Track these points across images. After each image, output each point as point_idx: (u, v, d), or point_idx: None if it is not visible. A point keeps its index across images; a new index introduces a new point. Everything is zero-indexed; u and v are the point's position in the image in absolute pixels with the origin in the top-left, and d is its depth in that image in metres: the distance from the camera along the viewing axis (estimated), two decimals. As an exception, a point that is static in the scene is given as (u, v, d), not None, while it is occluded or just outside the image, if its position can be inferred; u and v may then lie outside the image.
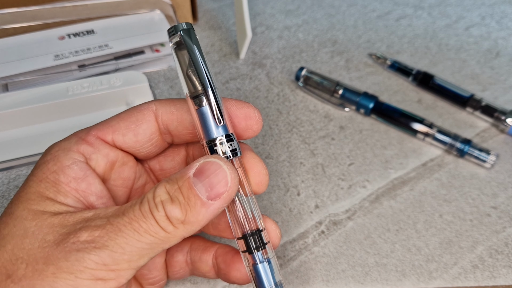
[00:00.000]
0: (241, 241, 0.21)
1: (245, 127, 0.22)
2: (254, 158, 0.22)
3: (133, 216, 0.19)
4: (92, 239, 0.18)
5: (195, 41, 0.20)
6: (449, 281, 0.28)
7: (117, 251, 0.18)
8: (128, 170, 0.23)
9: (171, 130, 0.23)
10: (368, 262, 0.29)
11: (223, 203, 0.19)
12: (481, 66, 0.43)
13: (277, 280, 0.21)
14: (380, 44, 0.45)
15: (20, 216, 0.20)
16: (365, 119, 0.38)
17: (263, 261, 0.21)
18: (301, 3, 0.50)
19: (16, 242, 0.19)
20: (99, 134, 0.22)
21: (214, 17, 0.48)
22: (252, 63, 0.43)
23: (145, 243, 0.19)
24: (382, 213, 0.31)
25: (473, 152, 0.34)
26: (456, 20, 0.48)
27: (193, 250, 0.25)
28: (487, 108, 0.38)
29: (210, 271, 0.24)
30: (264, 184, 0.22)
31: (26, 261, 0.18)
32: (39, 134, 0.34)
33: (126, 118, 0.22)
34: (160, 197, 0.19)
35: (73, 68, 0.39)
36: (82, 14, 0.41)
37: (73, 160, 0.21)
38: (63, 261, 0.18)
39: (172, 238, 0.19)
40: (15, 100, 0.34)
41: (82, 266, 0.18)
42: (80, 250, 0.18)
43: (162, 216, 0.19)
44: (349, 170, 0.34)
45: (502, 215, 0.31)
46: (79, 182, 0.21)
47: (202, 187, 0.19)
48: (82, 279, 0.18)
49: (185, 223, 0.19)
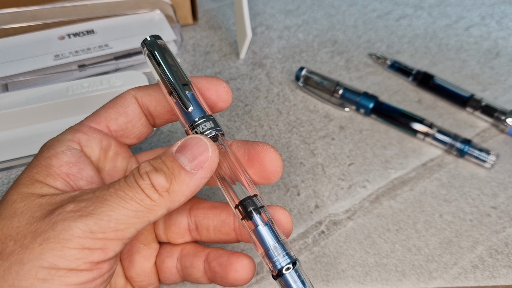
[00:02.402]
0: (238, 209, 0.21)
1: (216, 98, 0.24)
2: (266, 146, 0.23)
3: (118, 187, 0.19)
4: (78, 209, 0.19)
5: (158, 51, 0.23)
6: (449, 281, 0.28)
7: (103, 218, 0.18)
8: (122, 160, 0.24)
9: (151, 111, 0.24)
10: (368, 262, 0.29)
11: (206, 173, 0.20)
12: (481, 66, 0.43)
13: (280, 240, 0.21)
14: (380, 44, 0.45)
15: (10, 200, 0.20)
16: (365, 119, 0.38)
17: (263, 225, 0.21)
18: (301, 3, 0.50)
19: (5, 223, 0.19)
20: (92, 124, 0.23)
21: (214, 17, 0.48)
22: (252, 63, 0.43)
23: (131, 210, 0.19)
24: (382, 213, 0.31)
25: (473, 152, 0.34)
26: (456, 20, 0.48)
27: (184, 256, 0.25)
28: (487, 108, 0.38)
29: (203, 276, 0.24)
30: (279, 172, 0.23)
31: (14, 238, 0.19)
32: (39, 134, 0.34)
33: (113, 106, 0.24)
34: (145, 169, 0.20)
35: (73, 68, 0.39)
36: (82, 14, 0.41)
37: (67, 147, 0.22)
38: (50, 232, 0.18)
39: (157, 207, 0.19)
40: (15, 100, 0.34)
41: (68, 235, 0.18)
42: (66, 219, 0.18)
43: (147, 184, 0.19)
44: (349, 170, 0.34)
45: (502, 215, 0.31)
46: (71, 167, 0.21)
47: (185, 159, 0.20)
48: (69, 249, 0.18)
49: (170, 191, 0.19)
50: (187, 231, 0.25)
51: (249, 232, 0.21)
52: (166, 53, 0.24)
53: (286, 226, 0.23)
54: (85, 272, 0.18)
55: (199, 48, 0.44)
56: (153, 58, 0.23)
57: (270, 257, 0.21)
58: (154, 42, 0.24)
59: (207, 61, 0.43)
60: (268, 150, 0.22)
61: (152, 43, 0.24)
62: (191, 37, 0.45)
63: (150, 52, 0.23)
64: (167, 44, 0.24)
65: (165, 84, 0.23)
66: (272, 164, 0.22)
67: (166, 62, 0.23)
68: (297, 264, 0.21)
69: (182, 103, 0.22)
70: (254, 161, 0.22)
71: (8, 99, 0.34)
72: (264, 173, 0.22)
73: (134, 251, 0.24)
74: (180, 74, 0.23)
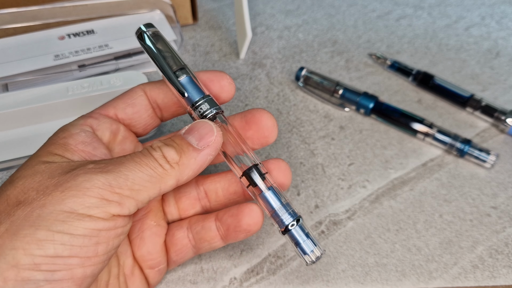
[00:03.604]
0: (243, 178, 0.24)
1: (219, 89, 0.25)
2: (260, 109, 0.26)
3: (134, 155, 0.21)
4: (99, 167, 0.21)
5: (148, 39, 0.25)
6: (449, 281, 0.28)
7: (121, 176, 0.20)
8: (129, 143, 0.26)
9: (159, 103, 0.26)
10: (368, 262, 0.29)
11: (211, 150, 0.22)
12: (481, 66, 0.43)
13: (283, 202, 0.24)
14: (380, 44, 0.45)
15: (30, 164, 0.22)
16: (365, 119, 0.38)
17: (267, 189, 0.24)
18: (301, 3, 0.50)
19: (26, 179, 0.21)
20: (102, 112, 0.25)
21: (214, 17, 0.48)
22: (252, 63, 0.43)
23: (145, 174, 0.21)
24: (382, 213, 0.31)
25: (473, 152, 0.34)
26: (456, 20, 0.48)
27: (193, 224, 0.26)
28: (487, 108, 0.38)
29: (216, 236, 0.25)
30: (274, 129, 0.26)
31: (36, 189, 0.20)
32: (40, 134, 0.34)
33: (122, 97, 0.26)
34: (157, 144, 0.22)
35: (73, 68, 0.39)
36: (82, 14, 0.41)
37: (81, 129, 0.24)
38: (71, 182, 0.20)
39: (168, 177, 0.21)
40: (15, 100, 0.34)
41: (89, 184, 0.20)
42: (87, 172, 0.20)
43: (159, 155, 0.22)
44: (349, 170, 0.34)
45: (502, 215, 0.31)
46: (86, 145, 0.23)
47: (193, 138, 0.22)
48: (89, 197, 0.20)
49: (180, 164, 0.22)
50: (197, 200, 0.27)
51: (256, 197, 0.24)
52: (159, 41, 0.25)
53: (285, 174, 0.26)
54: (101, 220, 0.20)
55: (199, 48, 0.44)
56: (144, 48, 0.25)
57: (276, 217, 0.24)
58: (144, 31, 0.25)
59: (207, 61, 0.43)
60: (263, 111, 0.25)
61: (142, 32, 0.25)
62: (191, 37, 0.45)
63: (140, 41, 0.25)
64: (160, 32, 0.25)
65: (161, 71, 0.24)
66: (268, 123, 0.25)
67: (158, 49, 0.24)
68: (300, 221, 0.24)
69: (177, 88, 0.24)
70: (252, 123, 0.25)
71: (8, 99, 0.34)
72: (262, 131, 0.25)
73: (145, 228, 0.26)
74: (175, 60, 0.24)
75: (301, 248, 0.24)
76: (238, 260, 0.29)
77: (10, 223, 0.19)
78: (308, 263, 0.24)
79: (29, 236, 0.19)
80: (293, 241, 0.24)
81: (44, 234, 0.19)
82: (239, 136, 0.24)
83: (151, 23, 0.25)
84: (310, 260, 0.24)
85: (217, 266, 0.28)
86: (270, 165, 0.25)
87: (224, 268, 0.28)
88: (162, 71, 0.24)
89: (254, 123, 0.25)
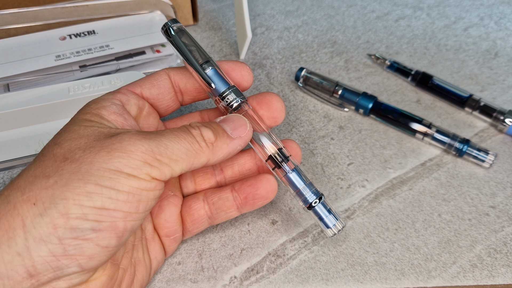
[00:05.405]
0: (269, 161, 0.26)
1: (240, 78, 0.28)
2: (271, 92, 0.28)
3: (173, 130, 0.23)
4: (142, 133, 0.22)
5: (175, 35, 0.26)
6: (448, 280, 0.28)
7: (161, 145, 0.22)
8: (153, 119, 0.27)
9: (181, 88, 0.28)
10: (367, 261, 0.29)
11: (242, 141, 0.25)
12: (479, 67, 0.43)
13: (306, 182, 0.26)
14: (379, 45, 0.45)
15: (72, 129, 0.23)
16: (364, 119, 0.38)
17: (290, 171, 0.26)
18: (301, 4, 0.51)
19: (72, 141, 0.22)
20: (129, 88, 0.26)
21: (214, 18, 0.48)
22: (252, 64, 0.43)
23: (182, 147, 0.22)
24: (381, 213, 0.32)
25: (471, 152, 0.34)
26: (455, 20, 0.49)
27: (210, 196, 0.28)
28: (485, 108, 0.38)
29: (232, 206, 0.27)
30: (283, 110, 0.28)
31: (82, 148, 0.21)
32: (40, 134, 0.34)
33: (148, 78, 0.27)
34: (196, 124, 0.24)
35: (74, 68, 0.39)
36: (83, 14, 0.41)
37: (112, 102, 0.25)
38: (117, 144, 0.21)
39: (201, 154, 0.23)
40: (16, 100, 0.34)
41: (134, 148, 0.21)
42: (132, 137, 0.22)
43: (198, 133, 0.23)
44: (349, 170, 0.34)
45: (500, 215, 0.32)
46: (118, 116, 0.24)
47: (228, 127, 0.25)
48: (133, 159, 0.21)
49: (214, 145, 0.24)
50: (213, 175, 0.29)
51: (281, 178, 0.26)
52: (183, 35, 0.26)
53: (297, 154, 0.28)
54: (143, 181, 0.21)
55: (200, 48, 0.44)
56: (171, 42, 0.26)
57: (301, 195, 0.26)
58: (170, 26, 0.26)
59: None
60: (273, 94, 0.28)
61: (168, 27, 0.26)
62: (192, 37, 0.45)
63: (167, 36, 0.26)
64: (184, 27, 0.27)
65: (189, 65, 0.26)
66: (277, 104, 0.28)
67: (184, 44, 0.26)
68: (322, 198, 0.26)
69: (205, 80, 0.26)
70: (263, 103, 0.27)
71: (9, 99, 0.34)
72: (271, 112, 0.27)
73: (163, 197, 0.27)
74: (200, 53, 0.26)
75: (324, 222, 0.26)
76: (238, 259, 0.29)
77: (58, 176, 0.20)
78: (331, 235, 0.26)
79: (79, 188, 0.20)
80: (317, 216, 0.26)
81: (93, 187, 0.20)
82: (263, 122, 0.27)
83: (176, 19, 0.27)
84: (333, 233, 0.26)
85: (218, 265, 0.29)
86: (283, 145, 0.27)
87: (224, 267, 0.29)
88: (190, 64, 0.26)
89: (265, 103, 0.27)
